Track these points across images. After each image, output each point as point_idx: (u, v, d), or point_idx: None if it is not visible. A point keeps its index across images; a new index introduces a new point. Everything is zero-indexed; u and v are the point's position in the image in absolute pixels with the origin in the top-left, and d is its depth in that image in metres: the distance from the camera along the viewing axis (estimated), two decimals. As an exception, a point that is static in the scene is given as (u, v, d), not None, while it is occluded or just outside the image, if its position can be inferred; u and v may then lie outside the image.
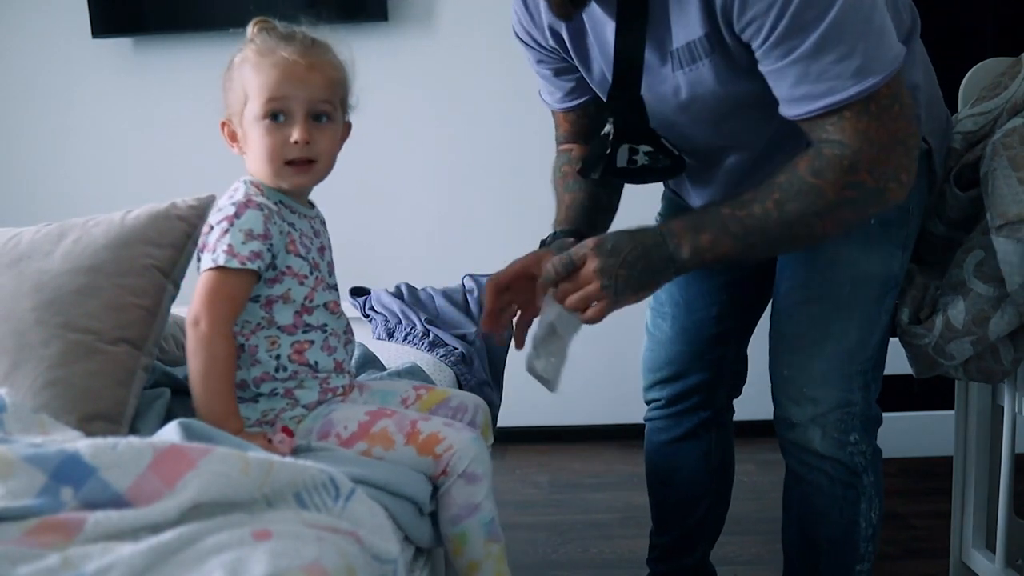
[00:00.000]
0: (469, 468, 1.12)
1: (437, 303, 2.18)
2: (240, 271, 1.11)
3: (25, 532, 0.77)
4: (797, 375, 1.33)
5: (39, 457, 0.83)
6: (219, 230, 1.13)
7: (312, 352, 1.18)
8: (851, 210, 1.13)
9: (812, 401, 1.31)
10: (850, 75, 1.05)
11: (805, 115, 1.10)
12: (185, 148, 2.72)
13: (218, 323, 1.11)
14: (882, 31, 1.07)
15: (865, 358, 1.31)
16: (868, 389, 1.33)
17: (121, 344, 1.16)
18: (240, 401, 1.16)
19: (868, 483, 1.36)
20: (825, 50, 1.04)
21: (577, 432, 2.85)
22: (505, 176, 2.76)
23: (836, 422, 1.31)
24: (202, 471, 0.85)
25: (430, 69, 2.74)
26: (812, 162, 1.10)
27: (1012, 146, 1.28)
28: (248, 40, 1.18)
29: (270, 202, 1.17)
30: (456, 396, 1.28)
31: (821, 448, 1.33)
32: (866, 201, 1.12)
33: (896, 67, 1.07)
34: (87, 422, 1.10)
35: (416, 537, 1.09)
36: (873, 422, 1.35)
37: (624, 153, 1.24)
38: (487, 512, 1.14)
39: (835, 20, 1.03)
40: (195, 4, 2.66)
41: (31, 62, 2.79)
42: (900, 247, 1.31)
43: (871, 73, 1.05)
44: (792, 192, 1.11)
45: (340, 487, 0.94)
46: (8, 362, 1.13)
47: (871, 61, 1.05)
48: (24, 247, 1.22)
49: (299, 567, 0.75)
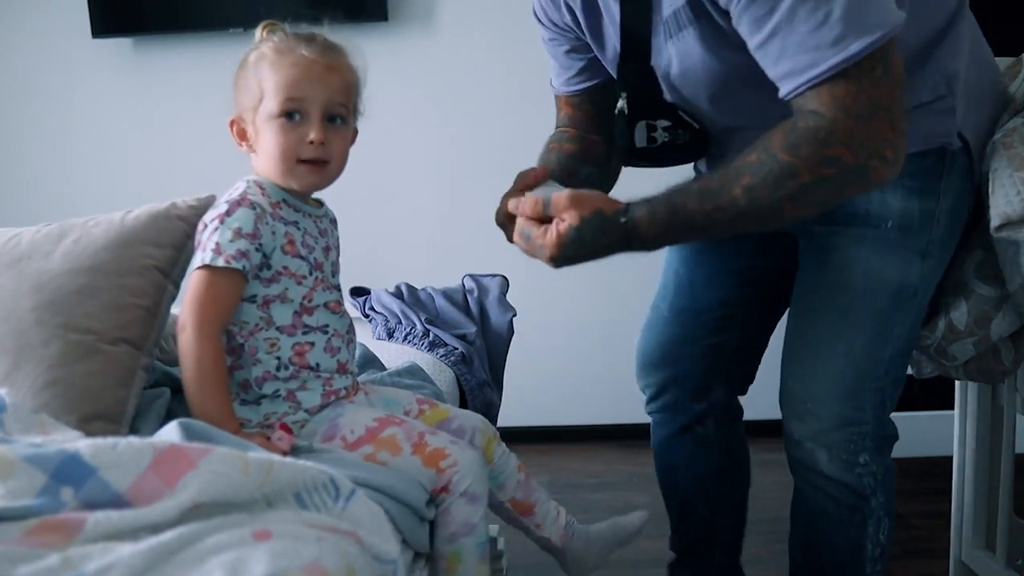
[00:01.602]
0: (471, 488, 1.12)
1: (437, 303, 2.18)
2: (225, 270, 1.10)
3: (25, 532, 0.77)
4: (800, 388, 1.25)
5: (39, 457, 0.83)
6: (211, 228, 1.13)
7: (314, 354, 1.17)
8: (828, 190, 1.04)
9: (814, 417, 1.23)
10: (829, 44, 0.97)
11: (792, 93, 1.02)
12: (185, 148, 2.72)
13: (203, 325, 1.10)
14: None
15: (878, 374, 1.21)
16: (883, 407, 1.23)
17: (121, 344, 1.16)
18: (243, 403, 1.15)
19: (877, 505, 1.28)
20: (799, 16, 0.97)
21: (577, 432, 2.85)
22: (505, 176, 2.73)
23: (843, 442, 1.23)
24: (202, 471, 0.85)
25: (430, 69, 2.74)
26: (787, 136, 1.03)
27: (1012, 145, 1.28)
28: (262, 40, 1.18)
29: (269, 201, 1.16)
30: (457, 417, 1.27)
31: (827, 470, 1.25)
32: (845, 180, 1.03)
33: (886, 32, 0.97)
34: (87, 422, 1.10)
35: (414, 542, 1.09)
36: (886, 441, 1.27)
37: (642, 131, 1.21)
38: (482, 533, 1.15)
39: None
40: (195, 4, 2.66)
41: (31, 62, 2.79)
42: (919, 254, 1.19)
43: (853, 39, 0.96)
44: (763, 174, 1.03)
45: (340, 487, 0.94)
46: (8, 362, 1.13)
47: (852, 26, 0.96)
48: (24, 247, 1.22)
49: (299, 567, 0.75)
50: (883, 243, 1.18)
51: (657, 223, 1.09)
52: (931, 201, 1.18)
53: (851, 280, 1.19)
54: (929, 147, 1.18)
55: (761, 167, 1.03)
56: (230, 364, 1.16)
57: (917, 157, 1.14)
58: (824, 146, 1.00)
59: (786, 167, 1.02)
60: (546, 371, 2.78)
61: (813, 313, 1.23)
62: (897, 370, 1.23)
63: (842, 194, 1.06)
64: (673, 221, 1.08)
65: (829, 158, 1.01)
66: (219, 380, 1.11)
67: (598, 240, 1.11)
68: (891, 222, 1.15)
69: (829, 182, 1.02)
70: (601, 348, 2.76)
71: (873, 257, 1.18)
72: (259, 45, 1.17)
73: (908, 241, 1.18)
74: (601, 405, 2.81)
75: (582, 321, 2.80)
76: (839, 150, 1.00)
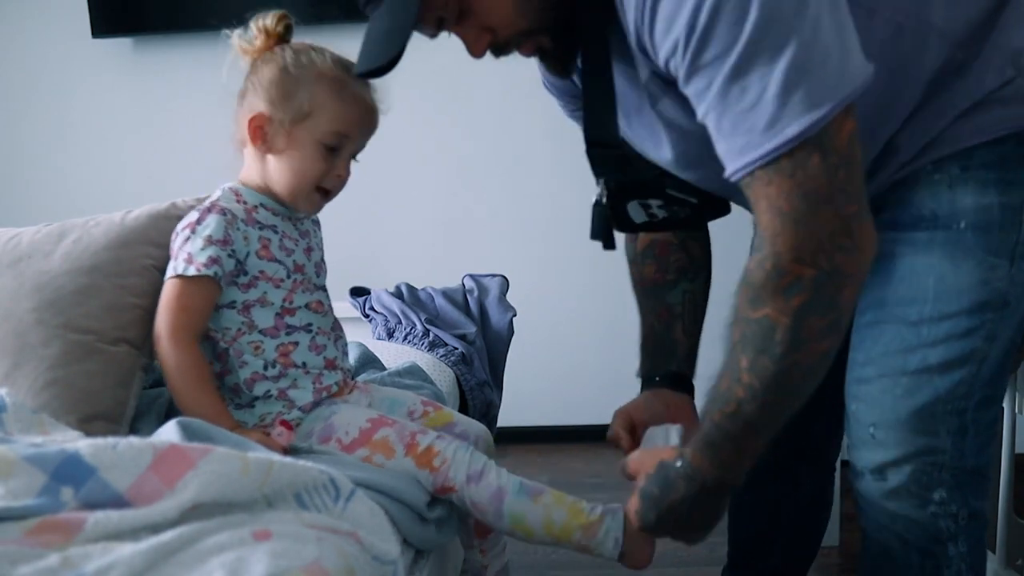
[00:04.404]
0: (470, 471, 1.13)
1: (437, 303, 2.18)
2: (197, 279, 1.11)
3: (25, 532, 0.77)
4: (864, 412, 1.08)
5: (39, 457, 0.84)
6: (182, 237, 1.14)
7: (299, 353, 1.18)
8: (817, 314, 0.90)
9: (882, 446, 1.06)
10: (761, 129, 0.85)
11: (732, 177, 0.90)
12: (185, 148, 2.72)
13: (175, 333, 1.11)
14: (822, 56, 0.84)
15: (956, 395, 1.03)
16: (963, 434, 1.05)
17: (121, 344, 1.16)
18: (237, 408, 1.16)
19: (956, 554, 1.07)
20: (732, 93, 0.85)
21: (577, 432, 2.85)
22: (505, 176, 2.76)
23: (915, 473, 1.05)
24: (202, 471, 0.85)
25: (430, 69, 2.74)
26: (747, 291, 0.92)
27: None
28: (300, 49, 1.16)
29: (244, 207, 1.17)
30: (461, 423, 1.28)
31: (894, 506, 1.07)
32: (821, 294, 0.90)
33: (834, 107, 0.84)
34: (87, 422, 1.10)
35: (416, 541, 1.10)
36: (971, 476, 1.06)
37: (636, 209, 1.13)
38: (513, 484, 1.14)
39: (742, 57, 0.83)
40: (195, 4, 2.66)
41: (31, 62, 2.79)
42: (1006, 257, 1.01)
43: (788, 122, 0.84)
44: (752, 346, 0.93)
45: (340, 488, 0.94)
46: (8, 362, 1.13)
47: (789, 107, 0.84)
48: (24, 247, 1.22)
49: (299, 567, 0.75)
50: (957, 246, 1.01)
51: (710, 450, 0.99)
52: (1015, 193, 1.01)
53: (922, 290, 1.03)
54: (1006, 132, 1.00)
55: (746, 340, 0.94)
56: (218, 371, 1.16)
57: (991, 145, 1.00)
58: (778, 277, 0.90)
59: (761, 327, 0.92)
60: (546, 371, 2.78)
61: (879, 328, 1.07)
62: (983, 391, 1.04)
63: (836, 306, 0.91)
64: (721, 441, 0.98)
65: (789, 285, 0.90)
66: (203, 382, 1.12)
67: (668, 496, 1.02)
68: (964, 222, 1.00)
69: (811, 308, 0.90)
70: (602, 348, 2.76)
71: (945, 263, 1.02)
72: (305, 53, 1.16)
73: (989, 242, 1.01)
74: (601, 405, 2.79)
75: (582, 321, 2.81)
76: (794, 270, 0.89)
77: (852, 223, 0.89)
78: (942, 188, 1.01)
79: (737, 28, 0.83)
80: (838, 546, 1.97)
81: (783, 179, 0.86)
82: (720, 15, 0.83)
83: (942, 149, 1.00)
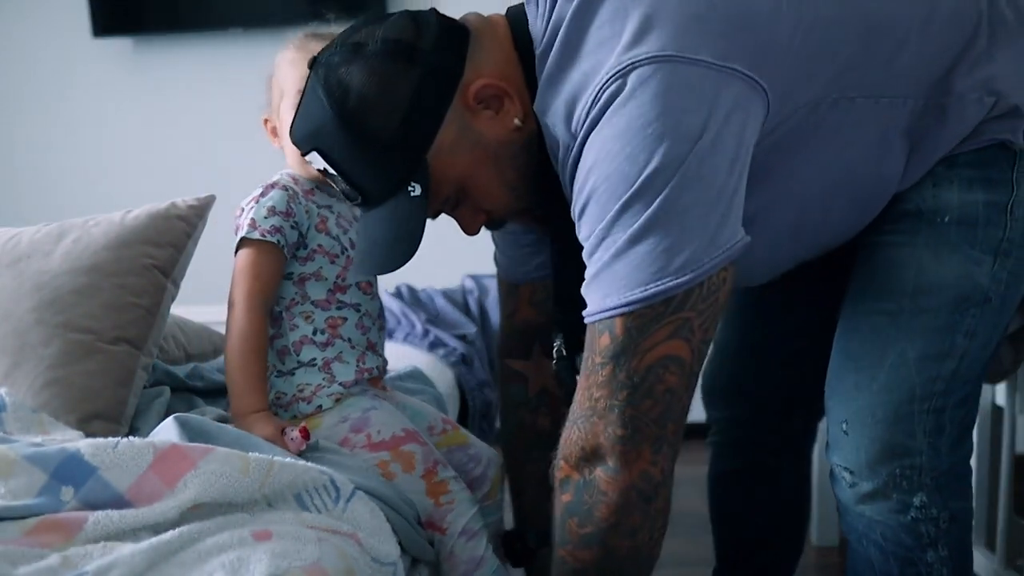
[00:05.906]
0: (467, 525, 1.14)
1: (437, 303, 2.19)
2: (263, 244, 1.13)
3: (25, 532, 0.77)
4: (838, 408, 1.05)
5: (39, 456, 0.84)
6: (247, 210, 1.16)
7: (346, 328, 1.19)
8: (575, 516, 0.96)
9: (854, 445, 1.03)
10: (598, 298, 0.91)
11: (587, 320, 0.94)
12: (185, 148, 2.72)
13: (247, 299, 1.13)
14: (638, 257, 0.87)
15: (935, 392, 1.00)
16: (939, 433, 1.01)
17: (121, 344, 1.16)
18: (278, 375, 1.16)
19: (935, 559, 1.04)
20: (594, 256, 0.91)
21: (577, 432, 2.84)
22: (505, 176, 2.75)
23: (891, 476, 1.01)
24: (202, 471, 0.85)
25: (430, 69, 2.74)
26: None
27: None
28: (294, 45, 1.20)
29: (302, 188, 1.19)
30: (475, 445, 1.29)
31: (873, 512, 1.03)
32: (584, 504, 0.95)
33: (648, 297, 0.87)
34: (87, 422, 1.10)
35: (413, 550, 1.10)
36: (952, 479, 1.03)
37: None
38: (493, 563, 1.16)
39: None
40: (195, 4, 2.65)
41: (31, 61, 2.79)
42: (990, 252, 1.00)
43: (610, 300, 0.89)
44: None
45: (341, 489, 0.94)
46: (8, 362, 1.13)
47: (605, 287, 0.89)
48: (24, 247, 1.22)
49: (299, 568, 0.75)
50: (940, 240, 1.00)
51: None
52: (1001, 192, 1.00)
53: (901, 282, 1.01)
54: (989, 143, 1.01)
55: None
56: (270, 334, 1.17)
57: (975, 152, 1.00)
58: (558, 469, 0.97)
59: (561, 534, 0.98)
60: (546, 371, 2.77)
61: (857, 321, 1.05)
62: (965, 387, 1.02)
63: (592, 520, 0.95)
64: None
65: (562, 481, 0.97)
66: (259, 353, 1.13)
67: None
68: (948, 216, 0.99)
69: (572, 511, 0.96)
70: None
71: (926, 255, 1.00)
72: (287, 46, 1.20)
73: (973, 237, 0.99)
74: (601, 405, 2.80)
75: (582, 321, 2.80)
76: (564, 468, 0.96)
77: (619, 446, 0.91)
78: (926, 185, 1.01)
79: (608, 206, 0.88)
80: (838, 546, 1.97)
81: (581, 379, 0.93)
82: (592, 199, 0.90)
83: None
